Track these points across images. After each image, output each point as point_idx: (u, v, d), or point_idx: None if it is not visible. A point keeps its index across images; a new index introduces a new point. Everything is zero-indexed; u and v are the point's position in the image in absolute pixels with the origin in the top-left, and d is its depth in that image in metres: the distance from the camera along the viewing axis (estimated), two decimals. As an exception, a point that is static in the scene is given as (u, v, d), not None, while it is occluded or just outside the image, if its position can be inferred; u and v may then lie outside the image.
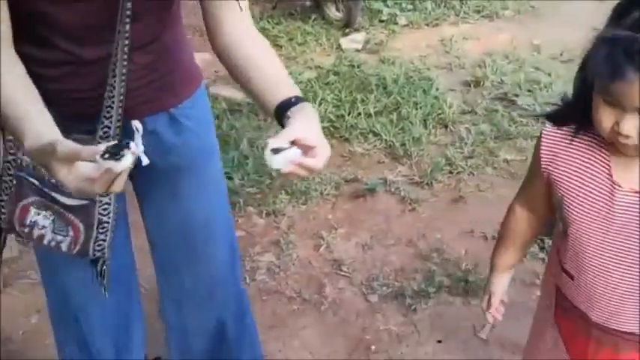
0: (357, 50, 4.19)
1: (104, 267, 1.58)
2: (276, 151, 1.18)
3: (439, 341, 2.37)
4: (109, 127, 1.41)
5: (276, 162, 1.18)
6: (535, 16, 4.67)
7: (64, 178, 1.17)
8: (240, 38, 1.44)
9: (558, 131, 1.35)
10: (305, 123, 1.27)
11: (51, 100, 1.33)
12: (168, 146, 1.58)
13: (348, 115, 3.47)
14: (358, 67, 3.95)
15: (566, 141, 1.34)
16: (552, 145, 1.36)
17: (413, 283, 2.58)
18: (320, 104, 3.55)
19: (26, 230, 1.49)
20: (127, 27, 1.35)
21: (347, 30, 4.37)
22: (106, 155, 1.10)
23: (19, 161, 1.46)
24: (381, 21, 4.47)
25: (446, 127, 3.44)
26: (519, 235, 1.56)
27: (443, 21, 4.48)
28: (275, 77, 1.42)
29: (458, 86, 3.77)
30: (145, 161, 1.21)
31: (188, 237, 1.73)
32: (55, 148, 1.15)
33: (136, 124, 1.24)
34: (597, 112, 1.20)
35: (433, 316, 2.46)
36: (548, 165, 1.36)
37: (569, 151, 1.34)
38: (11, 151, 1.47)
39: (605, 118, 1.19)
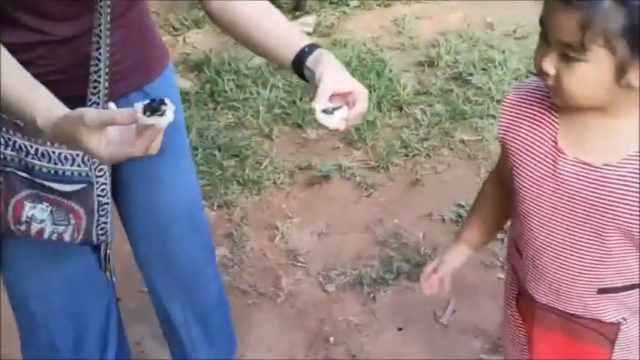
0: (308, 34, 4.07)
1: (108, 251, 1.52)
2: (326, 112, 1.23)
3: (400, 329, 2.31)
4: (98, 104, 1.33)
5: (332, 124, 1.24)
6: (487, -7, 4.61)
7: (96, 147, 1.11)
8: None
9: (517, 97, 1.27)
10: (332, 73, 1.27)
11: None
12: None
13: (300, 100, 3.37)
14: (309, 51, 3.84)
15: (523, 107, 1.26)
16: (509, 113, 1.28)
17: (371, 270, 2.50)
18: (271, 90, 3.45)
19: (22, 228, 1.40)
20: None
21: (297, 13, 4.25)
22: (147, 113, 1.06)
23: (1, 156, 1.35)
24: (332, 3, 4.34)
25: (400, 109, 3.36)
26: (486, 212, 1.47)
27: (395, 1, 4.38)
28: (279, 30, 1.39)
29: (412, 67, 3.69)
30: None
31: (170, 224, 1.68)
32: (84, 116, 1.09)
33: (112, 106, 1.20)
34: (536, 49, 1.15)
35: (393, 303, 2.39)
36: (505, 134, 1.29)
37: (523, 117, 1.26)
38: None
39: (538, 55, 1.13)
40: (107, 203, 1.45)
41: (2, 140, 1.35)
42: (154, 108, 1.07)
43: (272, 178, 2.97)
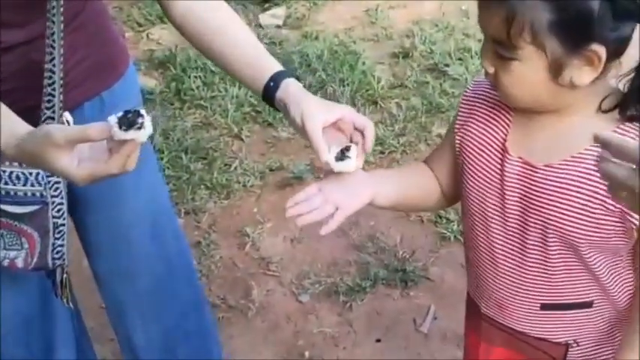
0: (278, 26, 3.93)
1: (65, 275, 1.43)
2: (339, 157, 1.13)
3: (378, 340, 2.20)
4: (53, 119, 1.23)
5: (352, 166, 1.13)
6: (462, -20, 4.49)
7: (67, 168, 1.01)
8: (203, 4, 1.30)
9: (473, 94, 1.19)
10: (309, 111, 1.17)
11: None
12: None
13: (271, 97, 3.23)
14: (279, 44, 3.69)
15: (478, 104, 1.17)
16: (465, 109, 1.20)
17: (347, 277, 2.38)
18: (240, 88, 3.30)
19: None
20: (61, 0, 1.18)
21: (266, 5, 4.09)
22: (123, 127, 0.96)
23: None
24: (303, -7, 4.21)
25: (375, 103, 3.23)
26: (409, 181, 1.30)
27: (368, -10, 4.25)
28: (247, 54, 1.28)
29: (386, 59, 3.56)
30: None
31: (136, 235, 1.56)
32: (51, 135, 0.99)
33: (67, 116, 1.14)
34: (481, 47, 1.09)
35: (370, 312, 2.27)
36: (458, 131, 1.20)
37: (477, 114, 1.17)
38: None
39: (481, 51, 1.08)
40: (64, 224, 1.36)
41: None
42: (129, 121, 0.97)
43: (242, 181, 2.83)
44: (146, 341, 1.69)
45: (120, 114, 0.98)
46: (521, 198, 1.12)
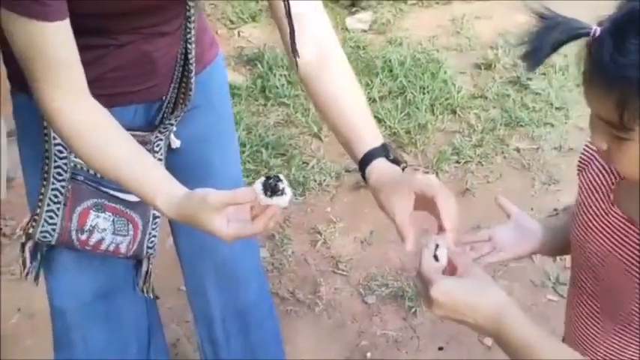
0: (364, 31, 3.99)
1: (150, 266, 1.58)
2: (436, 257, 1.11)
3: (440, 348, 2.23)
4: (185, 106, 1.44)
5: (445, 261, 1.10)
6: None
7: (219, 227, 1.14)
8: (320, 68, 1.33)
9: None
10: (397, 202, 1.20)
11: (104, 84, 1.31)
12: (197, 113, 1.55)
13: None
14: (364, 48, 3.75)
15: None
16: (588, 154, 1.19)
17: (414, 283, 2.42)
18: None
19: (83, 237, 1.45)
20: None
21: (353, 9, 4.16)
22: (268, 193, 1.10)
23: (72, 164, 1.40)
24: (389, -1, 4.26)
25: (454, 112, 3.25)
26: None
27: (455, -1, 4.26)
28: (353, 121, 1.31)
29: (468, 69, 3.58)
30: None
31: None
32: (207, 198, 1.13)
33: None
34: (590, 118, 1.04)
35: (435, 320, 2.30)
36: (580, 169, 1.21)
37: (596, 157, 1.17)
38: (61, 155, 1.39)
39: (590, 124, 1.02)
40: (159, 217, 1.51)
41: None
42: (272, 187, 1.11)
43: (318, 180, 2.91)
44: (222, 320, 1.79)
45: (262, 180, 1.11)
46: (619, 254, 1.10)
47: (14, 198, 2.75)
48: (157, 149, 1.48)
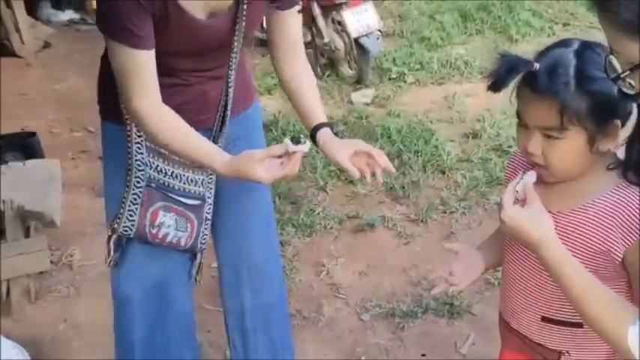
0: (367, 104, 4.54)
1: (203, 259, 2.01)
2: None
3: (423, 355, 2.62)
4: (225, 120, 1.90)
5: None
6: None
7: (262, 174, 1.65)
8: (294, 74, 1.94)
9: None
10: (346, 149, 1.77)
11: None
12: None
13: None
14: (366, 118, 4.29)
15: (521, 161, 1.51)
16: (513, 167, 1.56)
17: (402, 305, 2.83)
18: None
19: (154, 231, 1.89)
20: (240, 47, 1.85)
21: (358, 86, 4.72)
22: (293, 142, 1.66)
23: (147, 175, 1.87)
24: (391, 78, 4.82)
25: (443, 172, 3.73)
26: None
27: (448, 80, 4.82)
28: (310, 104, 1.90)
29: (457, 137, 4.08)
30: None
31: (255, 222, 2.11)
32: (254, 155, 1.67)
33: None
34: (517, 134, 1.40)
35: (419, 333, 2.71)
36: (507, 178, 1.56)
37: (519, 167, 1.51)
38: (140, 168, 1.86)
39: (521, 139, 1.37)
40: (209, 219, 1.96)
41: (149, 163, 1.86)
42: (296, 139, 1.68)
43: (323, 223, 3.36)
44: (251, 310, 2.16)
45: (289, 137, 1.68)
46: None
47: (56, 232, 3.18)
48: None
